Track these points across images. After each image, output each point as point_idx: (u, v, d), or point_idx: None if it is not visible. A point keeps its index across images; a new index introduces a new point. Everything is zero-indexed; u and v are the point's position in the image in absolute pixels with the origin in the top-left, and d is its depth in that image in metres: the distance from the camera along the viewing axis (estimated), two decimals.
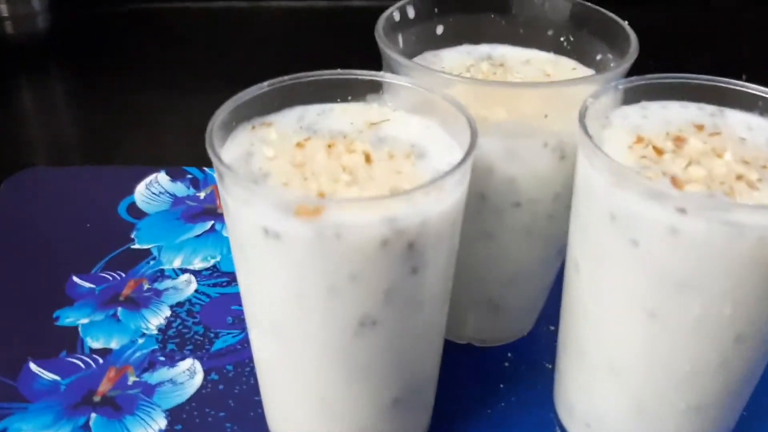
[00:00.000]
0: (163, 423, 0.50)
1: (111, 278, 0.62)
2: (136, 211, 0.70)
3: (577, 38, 0.53)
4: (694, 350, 0.39)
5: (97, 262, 0.64)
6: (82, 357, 0.55)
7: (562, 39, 0.54)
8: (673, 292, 0.37)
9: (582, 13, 0.52)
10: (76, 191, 0.73)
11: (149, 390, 0.53)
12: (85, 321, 0.58)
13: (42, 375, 0.54)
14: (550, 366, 0.54)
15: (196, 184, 0.74)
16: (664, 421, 0.43)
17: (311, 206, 0.35)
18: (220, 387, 0.53)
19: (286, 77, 0.44)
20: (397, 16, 0.51)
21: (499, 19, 0.55)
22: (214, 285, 0.62)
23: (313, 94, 0.44)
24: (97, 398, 0.52)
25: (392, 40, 0.50)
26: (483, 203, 0.47)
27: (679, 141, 0.41)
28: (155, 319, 0.59)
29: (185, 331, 0.58)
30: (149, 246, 0.66)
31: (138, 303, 0.60)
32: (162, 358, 0.55)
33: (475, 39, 0.55)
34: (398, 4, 0.51)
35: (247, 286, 0.42)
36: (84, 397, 0.52)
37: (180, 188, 0.73)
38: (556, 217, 0.49)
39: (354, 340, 0.39)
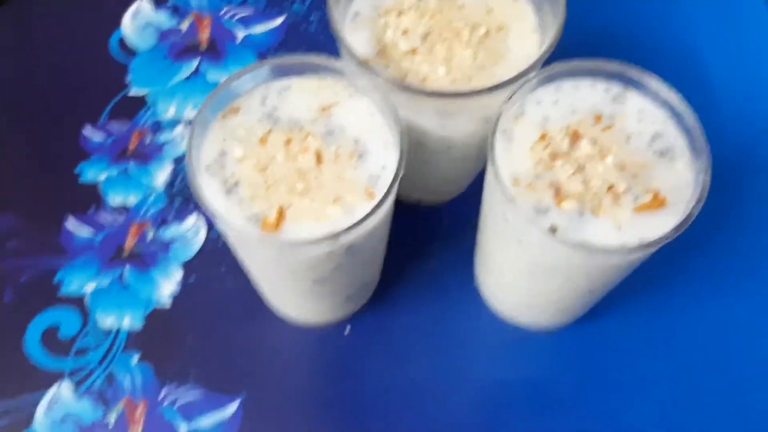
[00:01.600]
0: (179, 274, 0.67)
1: (117, 131, 0.73)
2: (126, 49, 0.77)
3: None
4: (559, 291, 0.54)
5: (101, 110, 0.74)
6: (107, 215, 0.70)
7: None
8: (543, 272, 0.51)
9: None
10: (67, 25, 0.79)
11: (165, 246, 0.68)
12: (102, 177, 0.71)
13: (78, 232, 0.69)
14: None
15: (176, 11, 0.79)
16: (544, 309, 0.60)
17: (272, 227, 0.47)
18: (220, 245, 0.68)
19: (252, 65, 0.51)
20: None
21: None
22: None
23: (275, 73, 0.52)
24: (125, 253, 0.68)
25: None
26: (421, 147, 0.57)
27: (575, 138, 0.50)
28: (161, 174, 0.71)
29: (187, 189, 0.71)
30: (144, 92, 0.75)
31: (146, 156, 0.72)
32: (171, 216, 0.70)
33: None
34: None
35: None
36: (116, 251, 0.68)
37: (162, 18, 0.79)
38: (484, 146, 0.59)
39: (313, 286, 0.54)
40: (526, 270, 0.54)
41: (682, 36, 0.79)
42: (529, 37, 0.56)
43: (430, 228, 0.70)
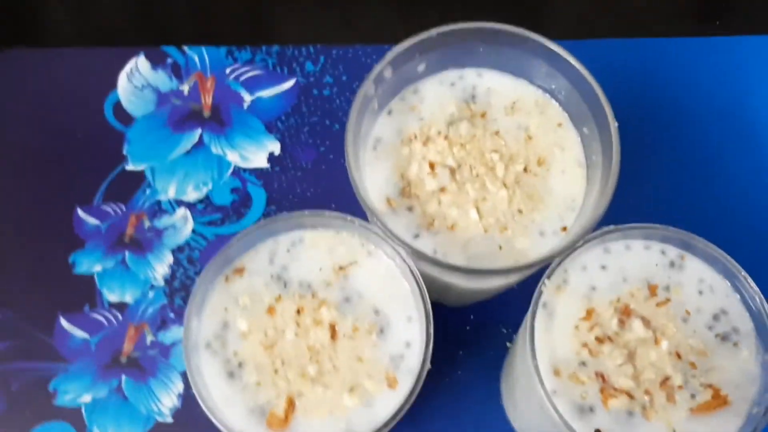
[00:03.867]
0: (180, 386, 0.62)
1: (113, 213, 0.67)
2: (123, 115, 0.70)
3: (570, 97, 0.49)
4: None
5: (96, 189, 0.68)
6: (104, 312, 0.64)
7: (553, 86, 0.50)
8: None
9: (579, 81, 0.47)
10: (57, 81, 0.72)
11: (165, 351, 0.63)
12: (98, 268, 0.65)
13: (73, 333, 0.63)
14: (504, 331, 0.63)
15: (177, 71, 0.72)
16: None
17: (280, 423, 0.42)
18: None
19: (259, 223, 0.44)
20: (371, 90, 0.47)
21: (487, 48, 0.49)
22: (209, 224, 0.67)
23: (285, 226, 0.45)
24: (123, 359, 0.63)
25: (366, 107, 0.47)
26: (445, 290, 0.51)
27: (625, 315, 0.44)
28: (160, 267, 0.65)
29: (188, 282, 0.65)
30: (142, 167, 0.69)
31: (142, 246, 0.66)
32: (172, 315, 0.64)
33: (461, 62, 0.51)
34: (369, 80, 0.46)
35: None
36: (112, 356, 0.63)
37: (162, 79, 0.72)
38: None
39: None
40: None
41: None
42: (573, 173, 0.49)
43: (453, 332, 0.64)
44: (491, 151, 0.49)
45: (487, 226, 0.47)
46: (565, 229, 0.47)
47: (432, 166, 0.48)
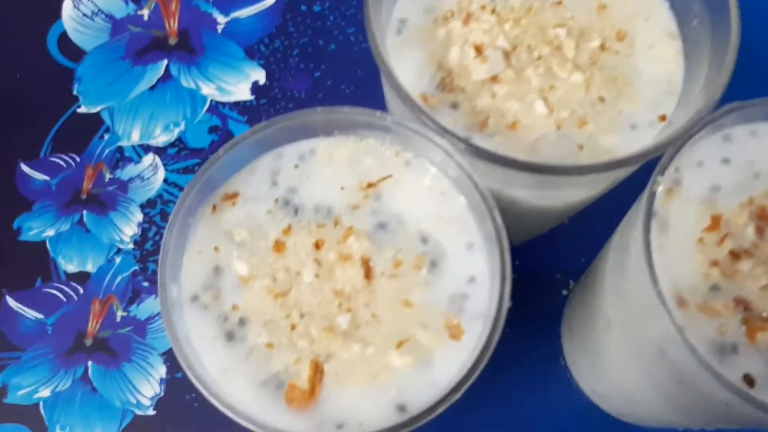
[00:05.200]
0: (162, 370, 0.50)
1: (65, 164, 0.54)
2: (70, 47, 0.57)
3: None
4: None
5: (43, 138, 0.55)
6: (60, 286, 0.51)
7: None
8: (696, 407, 0.34)
9: None
10: None
11: (140, 328, 0.51)
12: (50, 233, 0.52)
13: (24, 313, 0.51)
14: (558, 276, 0.52)
15: None
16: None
17: (304, 397, 0.29)
18: None
19: (253, 129, 0.32)
20: None
21: None
22: (185, 171, 0.54)
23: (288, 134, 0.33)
24: (88, 341, 0.50)
25: None
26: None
27: (763, 221, 0.32)
28: (128, 227, 0.53)
29: None
30: (98, 108, 0.56)
31: (104, 203, 0.53)
32: (145, 284, 0.52)
33: None
34: None
35: None
36: (76, 340, 0.50)
37: (116, 3, 0.59)
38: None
39: None
40: (666, 396, 0.36)
41: None
42: (664, 47, 0.37)
43: None
44: (555, 26, 0.37)
45: (560, 121, 0.35)
46: (663, 118, 0.36)
47: (479, 49, 0.36)
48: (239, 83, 0.56)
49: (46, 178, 0.54)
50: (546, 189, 0.35)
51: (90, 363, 0.50)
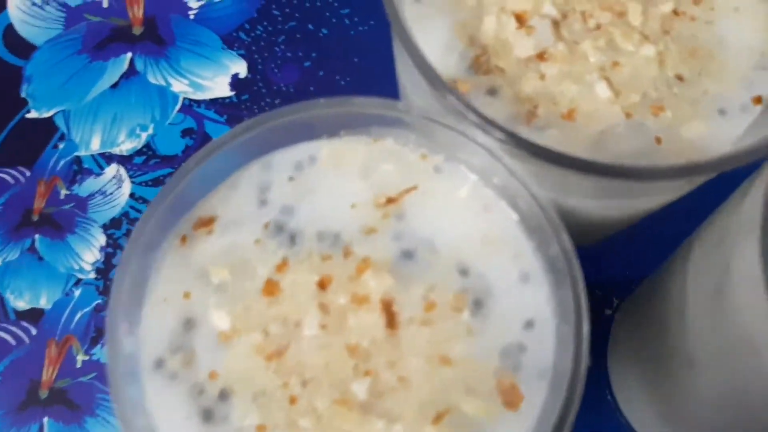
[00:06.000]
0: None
1: (12, 180, 0.46)
2: (17, 42, 0.49)
3: None
4: None
5: None
6: (8, 327, 0.43)
7: None
8: None
9: None
10: None
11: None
12: None
13: None
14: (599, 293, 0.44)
15: None
16: None
17: None
18: None
19: (234, 132, 0.24)
20: None
21: None
22: (155, 182, 0.46)
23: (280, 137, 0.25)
24: (43, 393, 0.42)
25: None
26: None
27: None
28: (88, 253, 0.44)
29: None
30: (51, 113, 0.47)
31: (59, 224, 0.45)
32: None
33: None
34: None
35: None
36: (29, 392, 0.42)
37: None
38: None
39: None
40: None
41: None
42: (753, 11, 0.29)
43: None
44: None
45: (629, 108, 0.27)
46: (759, 100, 0.28)
47: (521, 18, 0.28)
48: (216, 77, 0.48)
49: None
50: (614, 197, 0.27)
51: (46, 419, 0.41)
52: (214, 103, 0.48)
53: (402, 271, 0.24)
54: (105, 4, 0.50)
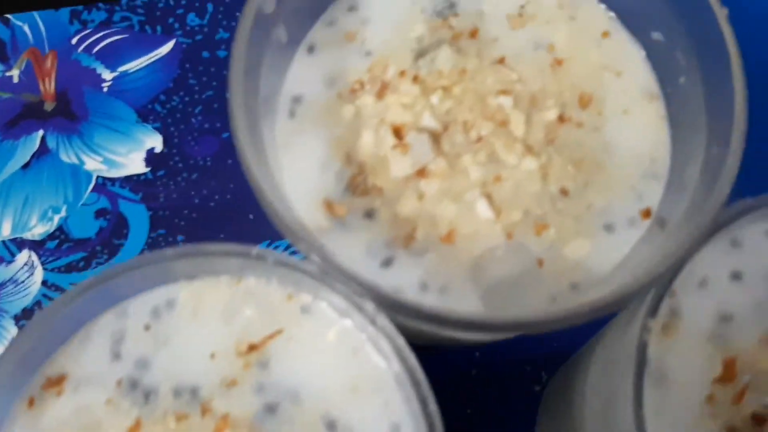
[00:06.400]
0: None
1: None
2: None
3: None
4: None
5: None
6: None
7: None
8: None
9: None
10: None
11: None
12: None
13: None
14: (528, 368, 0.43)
15: (1, 50, 0.49)
16: None
17: None
18: None
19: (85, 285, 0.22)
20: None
21: None
22: (68, 268, 0.45)
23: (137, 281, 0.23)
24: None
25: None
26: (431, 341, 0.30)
27: None
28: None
29: None
30: None
31: None
32: None
33: None
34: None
35: None
36: None
37: None
38: None
39: None
40: None
41: None
42: (643, 112, 0.28)
43: (455, 380, 0.43)
44: (497, 94, 0.28)
45: (511, 227, 0.26)
46: (648, 213, 0.27)
47: (399, 132, 0.27)
48: (131, 153, 0.47)
49: None
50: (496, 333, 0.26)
51: None
52: (129, 180, 0.46)
53: (264, 428, 0.23)
54: (15, 80, 0.48)
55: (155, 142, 0.47)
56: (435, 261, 0.26)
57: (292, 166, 0.27)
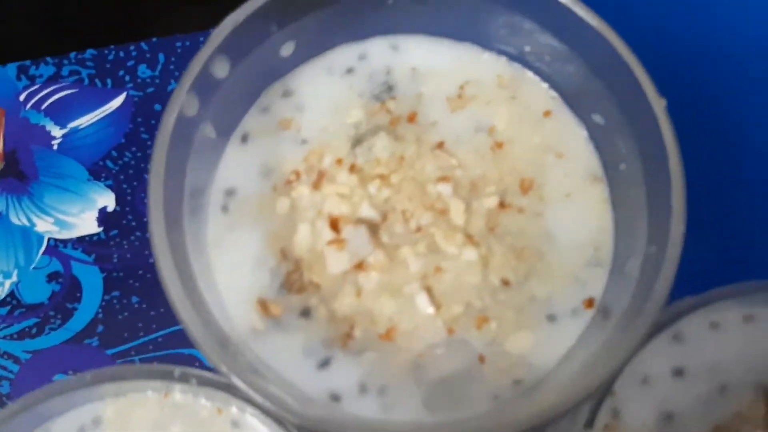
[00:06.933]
0: None
1: None
2: None
3: (561, 62, 0.27)
4: None
5: None
6: None
7: (527, 48, 0.28)
8: None
9: (578, 31, 0.26)
10: None
11: None
12: None
13: None
14: None
15: None
16: None
17: None
18: None
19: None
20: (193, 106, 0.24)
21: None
22: (20, 335, 0.43)
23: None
24: None
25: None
26: None
27: None
28: None
29: None
30: None
31: None
32: None
33: (358, 29, 0.29)
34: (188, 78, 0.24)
35: None
36: None
37: None
38: None
39: None
40: None
41: None
42: (586, 196, 0.28)
43: None
44: (437, 181, 0.27)
45: (451, 321, 0.26)
46: (591, 303, 0.26)
47: (335, 225, 0.26)
48: (83, 213, 0.46)
49: None
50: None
51: None
52: (82, 241, 0.45)
53: None
54: None
55: (108, 200, 0.46)
56: (374, 360, 0.25)
57: (225, 263, 0.26)
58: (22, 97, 0.48)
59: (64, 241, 0.45)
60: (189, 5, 0.49)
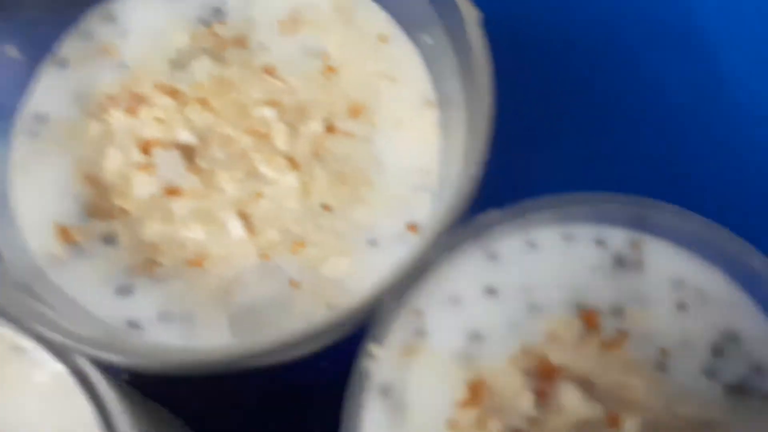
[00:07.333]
0: None
1: None
2: None
3: None
4: None
5: None
6: None
7: None
8: None
9: None
10: None
11: None
12: None
13: None
14: None
15: None
16: None
17: None
18: None
19: None
20: None
21: None
22: None
23: None
24: None
25: None
26: None
27: (546, 382, 0.22)
28: None
29: None
30: None
31: None
32: None
33: None
34: None
35: None
36: None
37: None
38: None
39: None
40: None
41: None
42: (419, 121, 0.27)
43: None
44: (262, 105, 0.26)
45: (266, 248, 0.25)
46: (414, 227, 0.25)
47: (146, 149, 0.25)
48: None
49: None
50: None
51: None
52: None
53: None
54: None
55: None
56: (180, 287, 0.24)
57: (27, 190, 0.25)
58: None
59: None
60: None
